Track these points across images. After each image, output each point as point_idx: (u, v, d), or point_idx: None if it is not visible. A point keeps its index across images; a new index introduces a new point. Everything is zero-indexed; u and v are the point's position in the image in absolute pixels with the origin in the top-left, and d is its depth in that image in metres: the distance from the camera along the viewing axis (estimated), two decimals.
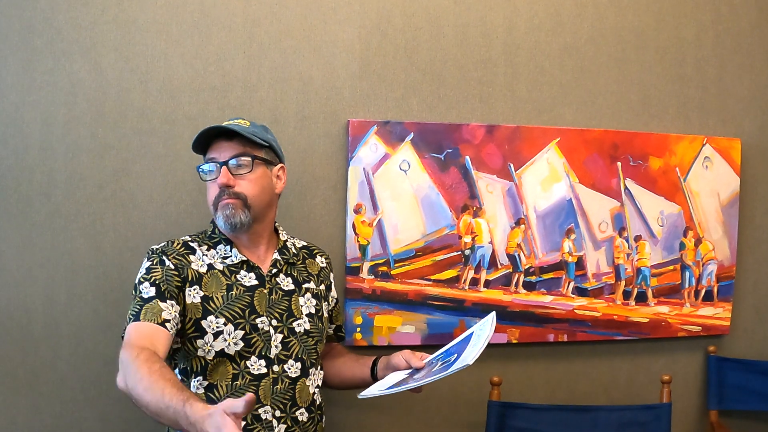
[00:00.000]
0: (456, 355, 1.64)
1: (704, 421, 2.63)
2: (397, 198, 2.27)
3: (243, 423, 1.69)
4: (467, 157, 2.32)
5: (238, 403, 1.29)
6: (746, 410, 2.63)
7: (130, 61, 2.10)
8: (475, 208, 2.33)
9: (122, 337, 1.69)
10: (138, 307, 1.67)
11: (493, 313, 1.75)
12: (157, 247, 1.79)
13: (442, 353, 1.74)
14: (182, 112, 2.14)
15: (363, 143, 2.24)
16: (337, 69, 2.24)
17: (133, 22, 2.10)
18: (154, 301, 1.67)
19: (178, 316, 1.69)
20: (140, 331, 1.63)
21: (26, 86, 2.05)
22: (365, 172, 2.25)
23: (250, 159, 1.80)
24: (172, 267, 1.73)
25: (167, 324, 1.65)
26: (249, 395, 1.29)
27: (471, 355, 1.58)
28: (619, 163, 2.45)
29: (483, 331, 1.69)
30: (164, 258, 1.74)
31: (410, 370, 1.74)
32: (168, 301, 1.68)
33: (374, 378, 1.88)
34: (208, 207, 1.82)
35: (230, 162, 1.77)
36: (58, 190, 2.08)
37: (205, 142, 1.80)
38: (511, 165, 2.36)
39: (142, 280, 1.72)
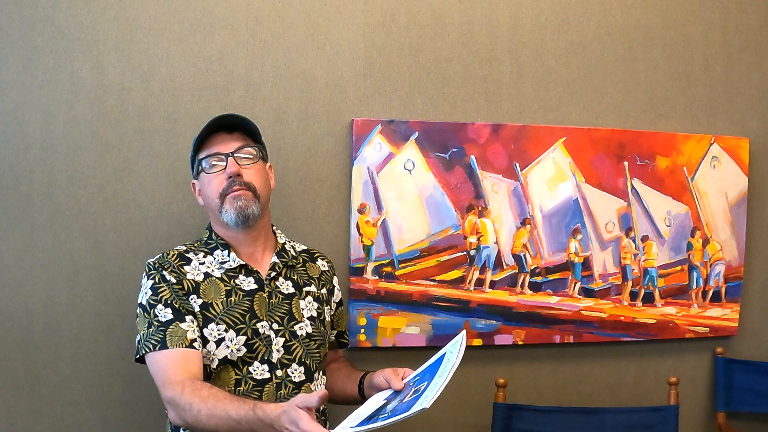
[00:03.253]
0: (426, 383, 1.55)
1: (712, 423, 2.61)
2: (401, 198, 2.25)
3: None
4: (472, 157, 2.30)
5: (312, 398, 1.38)
6: (754, 412, 2.60)
7: (132, 59, 2.08)
8: (480, 208, 2.31)
9: (136, 358, 1.71)
10: (161, 333, 1.66)
11: (463, 333, 1.64)
12: (153, 260, 1.77)
13: (417, 375, 1.65)
14: (184, 110, 2.12)
15: (367, 142, 2.22)
16: (340, 67, 2.22)
17: (134, 21, 2.08)
18: (174, 324, 1.67)
19: (198, 329, 1.69)
20: (173, 361, 1.63)
21: (27, 85, 2.03)
22: (369, 171, 2.22)
23: (255, 150, 1.80)
24: (174, 281, 1.72)
25: (195, 343, 1.66)
26: (323, 391, 1.38)
27: (430, 396, 1.47)
28: (625, 163, 2.43)
29: (453, 354, 1.59)
30: (163, 273, 1.73)
31: (390, 393, 1.65)
32: (187, 318, 1.68)
33: (361, 394, 1.81)
34: (208, 203, 1.79)
35: (237, 153, 1.76)
36: (59, 189, 2.06)
37: (201, 138, 1.78)
38: (517, 164, 2.34)
39: (152, 302, 1.70)
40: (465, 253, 2.31)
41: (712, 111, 2.54)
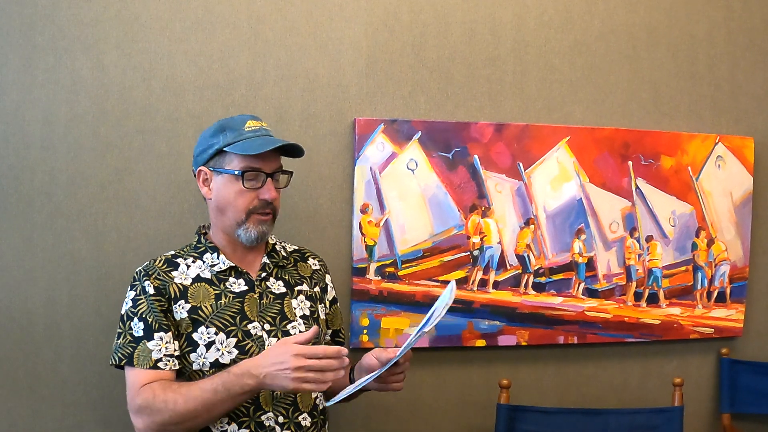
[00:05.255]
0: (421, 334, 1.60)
1: (716, 425, 2.59)
2: (404, 198, 2.24)
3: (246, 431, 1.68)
4: (476, 156, 2.28)
5: (304, 336, 1.56)
6: (759, 413, 2.59)
7: (133, 58, 2.07)
8: (483, 208, 2.30)
9: (113, 365, 1.70)
10: (131, 348, 1.67)
11: (453, 282, 1.68)
12: (140, 269, 1.76)
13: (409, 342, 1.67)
14: (186, 110, 2.11)
15: (369, 142, 2.20)
16: (343, 66, 2.21)
17: (135, 19, 2.07)
18: (142, 342, 1.66)
19: (172, 343, 1.68)
20: (140, 378, 1.65)
21: (27, 84, 2.02)
22: (372, 171, 2.21)
23: (287, 175, 1.82)
24: (153, 292, 1.70)
25: (159, 363, 1.65)
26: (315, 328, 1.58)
27: (428, 324, 1.53)
28: (630, 162, 2.41)
29: (443, 301, 1.64)
30: (145, 284, 1.71)
31: (382, 369, 1.66)
32: (156, 336, 1.67)
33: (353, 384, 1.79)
34: (225, 210, 1.75)
35: (275, 175, 1.76)
36: (59, 189, 2.05)
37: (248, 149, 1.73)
38: (521, 164, 2.32)
39: (130, 314, 1.70)
40: (468, 253, 2.29)
41: (717, 110, 2.53)
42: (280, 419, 1.71)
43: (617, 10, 2.42)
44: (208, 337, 1.68)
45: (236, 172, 1.72)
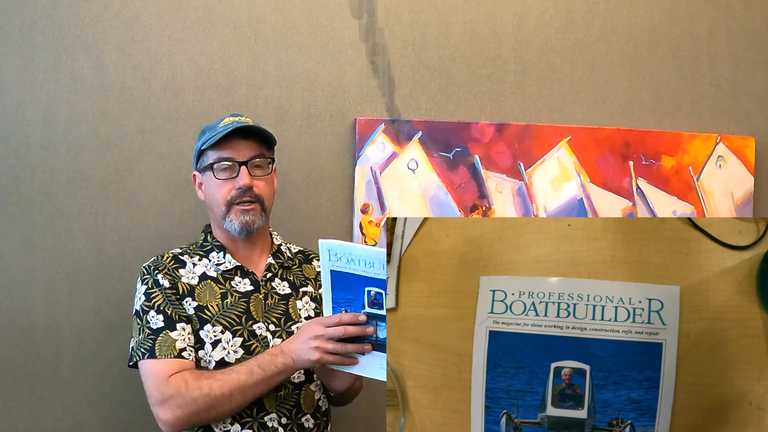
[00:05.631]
0: (372, 290, 1.46)
1: None
2: (404, 198, 2.23)
3: None
4: (476, 156, 2.28)
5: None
6: None
7: (133, 58, 2.07)
8: (484, 208, 2.30)
9: (129, 365, 1.70)
10: (150, 341, 1.65)
11: (321, 240, 1.52)
12: (148, 264, 1.75)
13: (338, 306, 1.55)
14: (186, 110, 2.11)
15: (370, 142, 2.20)
16: (343, 66, 2.21)
17: (136, 19, 2.07)
18: (164, 332, 1.65)
19: (192, 336, 1.68)
20: (164, 369, 1.63)
21: (27, 84, 2.02)
22: (372, 171, 2.21)
23: (267, 160, 1.78)
24: (168, 285, 1.70)
25: (184, 353, 1.64)
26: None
27: (376, 255, 1.37)
28: (630, 162, 2.41)
29: (332, 258, 1.50)
30: (158, 277, 1.71)
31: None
32: (178, 326, 1.66)
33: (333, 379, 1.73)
34: (211, 205, 1.77)
35: (250, 162, 1.73)
36: (59, 189, 2.05)
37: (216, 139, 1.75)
38: (521, 164, 2.32)
39: (145, 308, 1.69)
40: None
41: (718, 110, 2.52)
42: (283, 420, 1.70)
43: (618, 9, 2.41)
44: (214, 336, 1.68)
45: (212, 166, 1.74)
